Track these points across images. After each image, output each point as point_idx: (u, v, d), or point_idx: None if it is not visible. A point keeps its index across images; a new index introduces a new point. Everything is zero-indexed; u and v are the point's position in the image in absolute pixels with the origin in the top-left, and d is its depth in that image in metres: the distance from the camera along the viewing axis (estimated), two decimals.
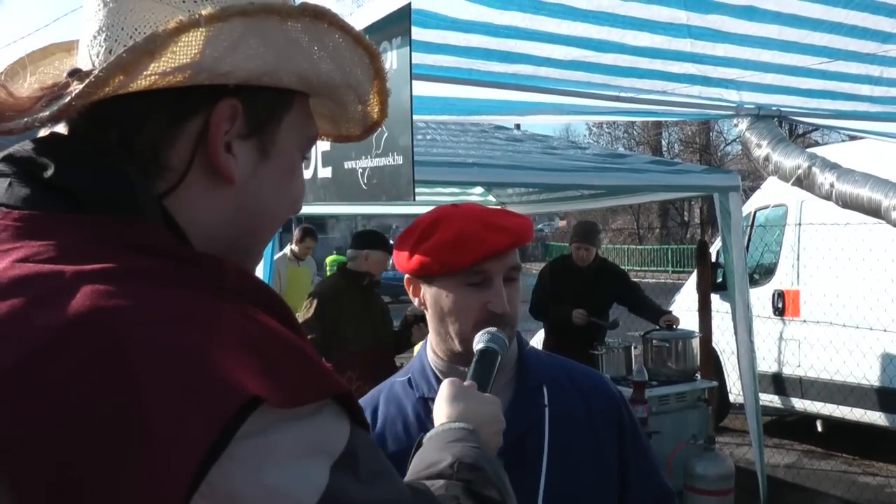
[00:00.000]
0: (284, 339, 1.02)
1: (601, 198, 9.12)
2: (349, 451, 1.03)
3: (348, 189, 2.65)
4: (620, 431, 2.18)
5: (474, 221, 2.01)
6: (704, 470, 6.46)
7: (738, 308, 6.76)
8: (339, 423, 1.05)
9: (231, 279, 1.05)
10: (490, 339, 1.92)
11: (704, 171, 8.23)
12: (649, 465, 2.25)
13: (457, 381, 1.73)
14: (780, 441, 10.09)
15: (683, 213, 45.29)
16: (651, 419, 6.75)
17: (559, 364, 2.26)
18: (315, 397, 1.00)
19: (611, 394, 2.23)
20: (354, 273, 6.83)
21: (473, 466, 1.41)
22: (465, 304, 2.01)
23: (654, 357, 7.67)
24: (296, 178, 1.25)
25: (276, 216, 1.23)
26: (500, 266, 2.02)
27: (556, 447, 2.05)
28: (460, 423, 1.60)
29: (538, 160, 7.34)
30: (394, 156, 2.36)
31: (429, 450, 1.52)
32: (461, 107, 4.19)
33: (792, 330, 9.83)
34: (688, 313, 9.57)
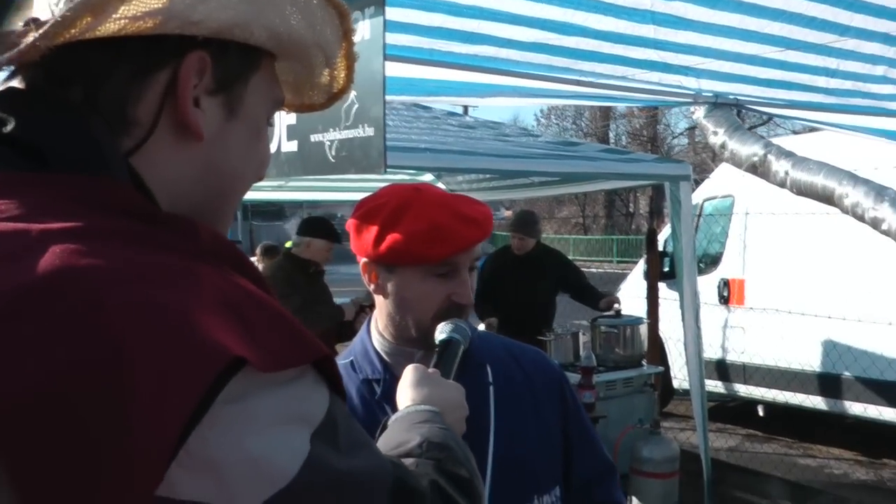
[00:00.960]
0: (264, 301, 0.99)
1: (552, 185, 9.14)
2: (329, 419, 1.01)
3: (315, 163, 2.62)
4: (563, 406, 2.21)
5: (445, 211, 1.96)
6: (650, 453, 6.55)
7: (686, 295, 6.81)
8: (319, 391, 1.02)
9: (205, 240, 1.02)
10: (454, 330, 1.93)
11: (656, 160, 8.28)
12: (591, 440, 2.29)
13: (421, 367, 1.73)
14: (723, 426, 10.26)
15: (629, 203, 45.60)
16: (598, 404, 6.84)
17: (500, 342, 2.29)
18: (297, 361, 0.97)
19: (552, 369, 2.27)
20: (300, 260, 6.83)
21: (442, 446, 1.38)
22: (430, 295, 1.99)
23: (601, 343, 7.79)
24: (261, 141, 1.21)
25: (243, 177, 1.19)
26: (468, 258, 2.01)
27: (502, 424, 2.06)
28: (426, 405, 1.58)
29: (491, 147, 7.32)
30: (364, 127, 2.34)
31: (395, 431, 1.49)
32: (420, 87, 4.17)
33: (737, 317, 10.00)
34: (634, 301, 9.66)
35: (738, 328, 9.94)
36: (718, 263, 10.39)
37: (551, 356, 7.47)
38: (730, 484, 7.19)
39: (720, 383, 10.18)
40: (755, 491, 7.13)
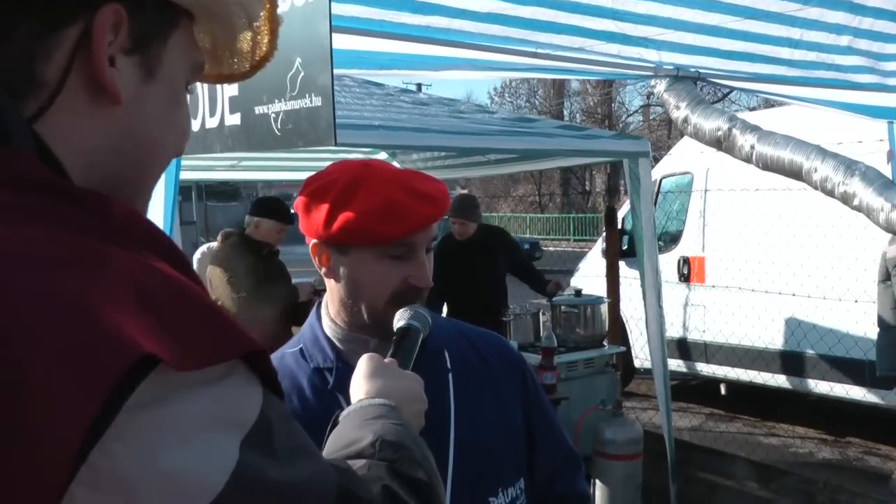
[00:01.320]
0: (184, 288, 0.87)
1: (509, 163, 8.99)
2: (262, 422, 0.89)
3: (260, 136, 2.47)
4: (524, 392, 2.13)
5: (399, 188, 1.83)
6: (614, 435, 6.45)
7: (647, 274, 6.71)
8: (250, 390, 0.90)
9: (120, 219, 0.91)
10: (413, 317, 1.81)
11: (614, 136, 8.16)
12: (554, 427, 2.22)
13: (376, 357, 1.62)
14: (686, 405, 10.21)
15: (585, 181, 45.76)
16: (560, 385, 6.75)
17: (457, 328, 2.17)
18: (222, 357, 0.85)
19: (511, 354, 2.19)
20: (252, 241, 6.66)
21: (398, 445, 1.30)
22: (385, 277, 1.87)
23: (562, 323, 7.67)
24: (181, 108, 1.10)
25: (163, 147, 1.07)
26: (425, 238, 1.89)
27: (462, 411, 1.96)
28: (380, 398, 1.48)
29: (446, 123, 7.18)
30: (311, 97, 2.18)
31: (346, 427, 1.40)
32: (370, 61, 4.01)
33: (697, 295, 9.96)
34: (593, 280, 9.60)
35: (699, 306, 9.90)
36: (678, 241, 10.35)
37: (511, 337, 7.42)
38: (694, 465, 7.10)
39: (682, 362, 10.14)
40: (720, 471, 7.04)
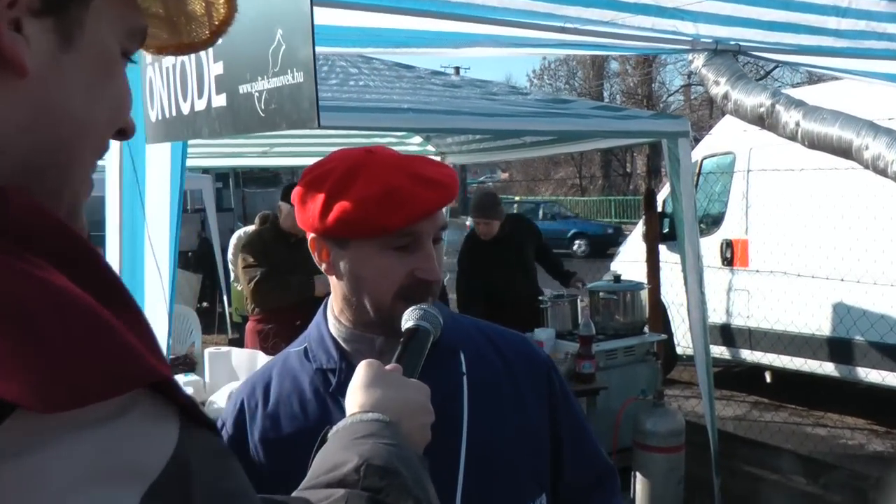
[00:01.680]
0: (78, 307, 0.70)
1: (544, 146, 8.81)
2: (174, 469, 0.72)
3: (245, 118, 2.28)
4: (550, 398, 1.92)
5: (400, 173, 1.68)
6: (654, 426, 6.26)
7: (688, 258, 6.46)
8: (157, 429, 0.73)
9: (15, 217, 0.75)
10: (422, 317, 1.63)
11: (652, 116, 7.95)
12: (585, 438, 2.00)
13: (375, 364, 1.47)
14: (729, 392, 9.95)
15: (626, 163, 45.43)
16: (598, 375, 6.59)
17: (478, 326, 1.97)
18: (110, 390, 0.68)
19: (537, 357, 1.99)
20: (280, 229, 6.50)
21: (385, 470, 1.17)
22: (389, 271, 1.71)
23: (601, 310, 7.49)
24: (115, 80, 0.92)
25: (91, 125, 0.89)
26: (431, 226, 1.73)
27: (477, 419, 1.77)
28: (375, 413, 1.34)
29: (478, 106, 7.01)
30: (293, 73, 1.98)
31: (332, 448, 1.26)
32: (388, 38, 3.81)
33: (741, 280, 9.66)
34: (633, 265, 9.37)
35: (743, 291, 9.61)
36: (720, 224, 10.05)
37: (548, 324, 7.24)
38: (738, 457, 6.86)
39: (725, 349, 9.87)
40: (765, 465, 6.80)
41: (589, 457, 2.00)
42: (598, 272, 8.18)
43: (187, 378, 5.85)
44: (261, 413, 1.83)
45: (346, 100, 6.28)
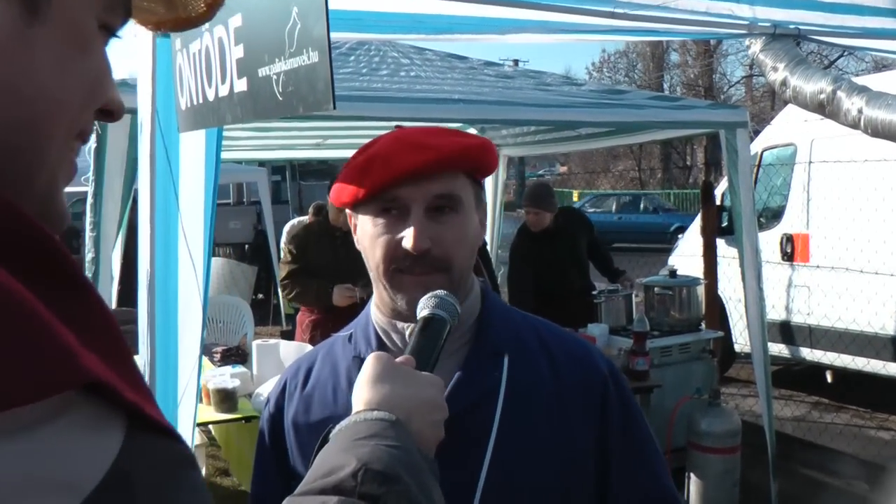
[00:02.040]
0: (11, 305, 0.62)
1: (600, 137, 8.71)
2: (115, 481, 0.65)
3: (263, 102, 2.19)
4: (603, 416, 1.71)
5: (397, 141, 1.65)
6: (710, 426, 6.10)
7: (745, 253, 6.31)
8: (93, 437, 0.66)
9: None
10: (437, 305, 1.52)
11: (710, 106, 7.78)
12: (642, 464, 1.76)
13: (384, 357, 1.38)
14: (788, 392, 9.71)
15: (686, 156, 45.02)
16: (652, 372, 6.44)
17: (533, 326, 1.81)
18: (30, 394, 0.61)
19: (594, 370, 1.76)
20: (327, 224, 6.43)
21: (385, 476, 1.10)
22: (379, 238, 1.65)
23: (655, 305, 7.33)
24: (91, 54, 0.84)
25: (64, 104, 0.81)
26: (419, 192, 1.62)
27: (508, 429, 1.62)
28: (380, 412, 1.26)
29: (530, 96, 6.88)
30: (308, 52, 1.88)
31: (332, 449, 1.19)
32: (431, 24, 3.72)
33: (801, 276, 9.43)
34: (692, 259, 9.20)
35: (803, 287, 9.38)
36: (780, 218, 9.83)
37: (601, 319, 7.10)
38: (797, 460, 6.67)
39: (784, 347, 9.64)
40: (825, 469, 6.59)
41: (642, 487, 1.75)
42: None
43: (235, 370, 5.81)
44: (298, 395, 1.78)
45: (397, 90, 6.20)
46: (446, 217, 1.63)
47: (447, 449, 1.51)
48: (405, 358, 1.41)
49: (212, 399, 5.42)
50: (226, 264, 13.10)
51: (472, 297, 1.74)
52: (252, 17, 2.19)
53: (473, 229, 1.69)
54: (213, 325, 9.32)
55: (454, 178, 1.64)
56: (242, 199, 17.82)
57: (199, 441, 6.93)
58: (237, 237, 16.90)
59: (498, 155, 1.77)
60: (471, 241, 1.68)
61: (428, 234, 1.61)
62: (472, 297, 1.74)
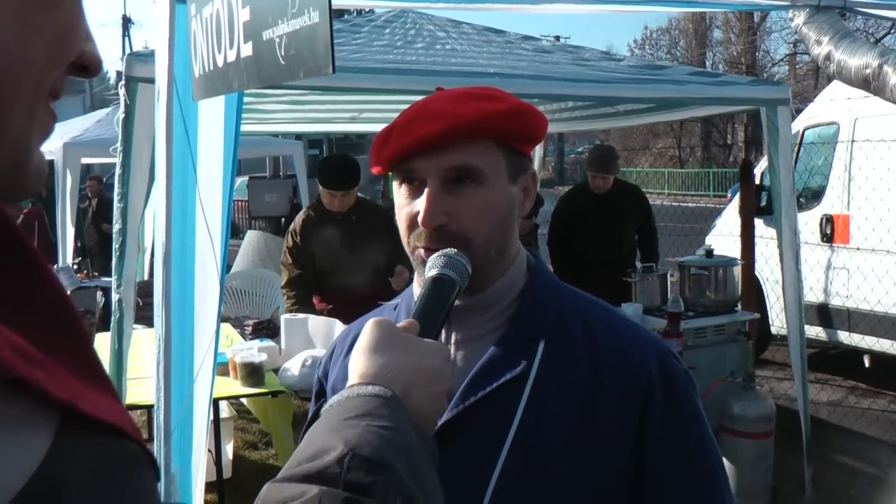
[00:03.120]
0: None
1: (639, 114, 8.59)
2: (40, 487, 0.57)
3: (268, 67, 2.12)
4: (642, 416, 1.55)
5: (419, 108, 1.56)
6: (743, 410, 6.00)
7: (784, 233, 6.19)
8: (16, 438, 0.59)
9: None
10: (446, 264, 1.46)
11: (751, 82, 7.62)
12: (687, 475, 1.58)
13: (384, 323, 1.32)
14: (824, 376, 9.57)
15: (726, 135, 44.64)
16: (686, 353, 6.31)
17: (583, 310, 1.66)
18: None
19: (636, 366, 1.58)
20: (324, 209, 6.36)
21: (374, 463, 1.03)
22: (402, 211, 1.60)
23: (691, 286, 7.18)
24: (57, 9, 0.76)
25: (23, 62, 0.73)
26: (432, 164, 1.54)
27: (532, 423, 1.52)
28: (375, 386, 1.19)
29: (567, 71, 6.77)
30: (309, 12, 1.80)
31: (320, 429, 1.12)
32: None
33: (841, 258, 9.28)
34: (729, 239, 9.07)
35: (842, 269, 9.22)
36: (821, 198, 9.65)
37: (635, 299, 6.99)
38: (831, 446, 6.52)
39: (821, 329, 9.50)
40: (861, 456, 6.43)
41: (684, 498, 1.58)
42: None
43: (263, 343, 5.77)
44: (341, 361, 1.72)
45: (432, 63, 6.12)
46: (466, 189, 1.54)
47: (465, 434, 1.47)
48: (408, 322, 1.36)
49: (238, 373, 5.38)
50: (260, 237, 13.07)
51: (513, 272, 1.64)
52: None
53: (504, 201, 1.58)
54: (245, 297, 9.32)
55: (474, 147, 1.54)
56: (278, 172, 17.81)
57: (228, 414, 6.92)
58: (273, 210, 16.88)
59: (544, 120, 1.65)
60: (499, 215, 1.57)
61: (444, 207, 1.53)
62: (513, 271, 1.64)
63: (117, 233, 4.53)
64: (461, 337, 1.61)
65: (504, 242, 1.60)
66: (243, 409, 7.67)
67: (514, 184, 1.61)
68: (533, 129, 1.61)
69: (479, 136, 1.54)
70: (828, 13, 3.54)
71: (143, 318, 5.65)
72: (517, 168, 1.61)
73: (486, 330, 1.60)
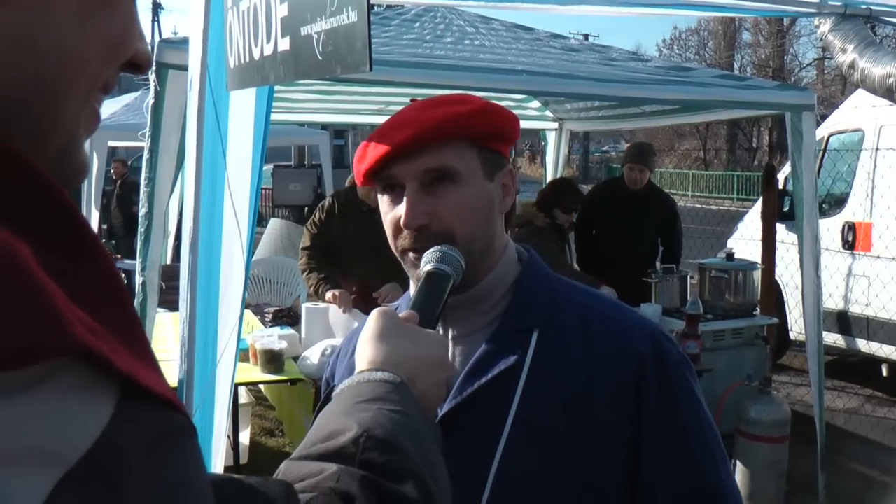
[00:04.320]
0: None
1: (665, 115, 8.59)
2: (103, 453, 0.60)
3: (304, 62, 2.17)
4: (637, 401, 1.57)
5: (393, 119, 1.62)
6: (758, 414, 6.00)
7: (805, 239, 6.19)
8: (79, 406, 0.61)
9: None
10: (442, 259, 1.52)
11: (777, 87, 7.61)
12: (684, 451, 1.59)
13: (389, 313, 1.37)
14: (842, 384, 9.50)
15: (752, 138, 44.44)
16: (704, 356, 6.34)
17: (576, 299, 1.69)
18: (12, 361, 0.56)
19: (629, 346, 1.60)
20: (356, 197, 6.31)
21: (387, 444, 1.07)
22: (386, 217, 1.65)
23: (710, 288, 7.21)
24: (113, 8, 0.77)
25: (80, 60, 0.75)
26: (409, 169, 1.59)
27: (528, 412, 1.56)
28: (385, 372, 1.24)
29: (595, 71, 6.77)
30: (348, 11, 1.84)
31: (333, 411, 1.17)
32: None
33: (862, 265, 9.23)
34: (750, 243, 9.06)
35: (863, 277, 9.17)
36: (843, 205, 9.61)
37: (655, 300, 7.01)
38: (847, 454, 6.53)
39: (840, 337, 9.44)
40: (876, 465, 6.45)
41: (681, 479, 1.59)
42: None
43: (283, 332, 5.82)
44: (346, 361, 1.75)
45: (460, 59, 6.13)
46: (444, 189, 1.59)
47: (464, 425, 1.52)
48: (409, 313, 1.40)
49: (258, 359, 5.43)
50: (284, 226, 13.14)
51: (502, 267, 1.68)
52: None
53: (481, 198, 1.62)
54: (267, 285, 9.37)
55: (447, 148, 1.58)
56: (304, 161, 17.87)
57: (246, 400, 6.97)
58: (297, 199, 16.96)
59: (512, 118, 1.68)
60: (479, 212, 1.61)
61: (424, 209, 1.57)
62: (502, 266, 1.68)
63: (143, 217, 4.58)
64: (456, 333, 1.66)
65: (488, 238, 1.64)
66: (260, 396, 7.73)
67: (491, 181, 1.64)
68: (501, 127, 1.65)
69: (450, 138, 1.58)
70: (853, 21, 3.56)
71: (166, 301, 5.71)
72: (492, 166, 1.65)
73: (480, 325, 1.65)
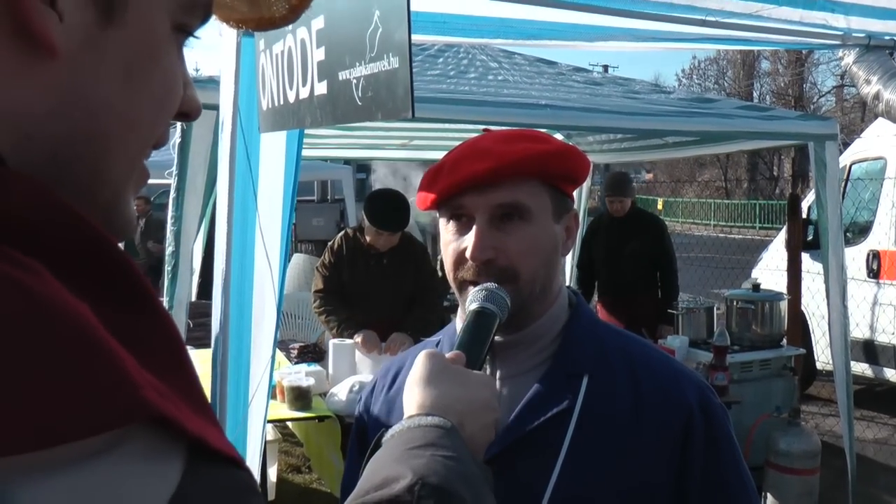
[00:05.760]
0: (50, 319, 0.56)
1: (688, 146, 8.58)
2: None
3: (343, 106, 2.18)
4: (684, 454, 1.57)
5: (468, 147, 1.62)
6: (788, 446, 5.95)
7: (831, 268, 6.17)
8: (151, 468, 0.60)
9: (18, 203, 0.61)
10: (487, 298, 1.50)
11: (799, 117, 7.61)
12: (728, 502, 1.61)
13: (437, 356, 1.37)
14: (870, 413, 9.39)
15: (773, 167, 44.31)
16: (732, 388, 6.31)
17: (622, 345, 1.69)
18: (84, 430, 0.55)
19: (679, 402, 1.61)
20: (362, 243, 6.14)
21: (442, 491, 1.05)
22: (449, 246, 1.64)
23: (737, 320, 7.20)
24: (162, 63, 0.77)
25: (131, 118, 0.75)
26: (482, 201, 1.58)
27: (577, 457, 1.55)
28: (435, 416, 1.23)
29: (618, 104, 6.81)
30: (388, 58, 1.85)
31: (385, 458, 1.15)
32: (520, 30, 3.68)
33: (888, 294, 9.16)
34: (775, 273, 9.02)
35: (890, 306, 9.10)
36: (868, 233, 9.55)
37: (681, 332, 6.98)
38: (878, 485, 6.47)
39: (868, 366, 9.35)
40: None
41: None
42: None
43: (310, 368, 5.81)
44: (383, 396, 1.79)
45: (484, 94, 6.17)
46: (513, 226, 1.58)
47: (513, 469, 1.51)
48: (455, 354, 1.40)
49: (286, 396, 5.43)
50: (307, 261, 13.14)
51: (556, 310, 1.68)
52: (334, 19, 2.18)
53: (548, 239, 1.62)
54: (291, 321, 9.36)
55: (522, 185, 1.58)
56: (326, 196, 17.91)
57: (272, 437, 6.96)
58: (320, 234, 16.96)
59: (587, 162, 1.69)
60: (544, 252, 1.61)
61: (492, 243, 1.57)
62: (556, 309, 1.68)
63: (170, 255, 4.61)
64: (505, 372, 1.64)
65: (548, 279, 1.63)
66: (287, 432, 7.72)
67: (558, 223, 1.65)
68: (577, 170, 1.66)
69: (526, 175, 1.58)
70: (877, 52, 3.56)
71: (193, 339, 5.72)
72: (561, 208, 1.65)
73: (529, 365, 1.64)
